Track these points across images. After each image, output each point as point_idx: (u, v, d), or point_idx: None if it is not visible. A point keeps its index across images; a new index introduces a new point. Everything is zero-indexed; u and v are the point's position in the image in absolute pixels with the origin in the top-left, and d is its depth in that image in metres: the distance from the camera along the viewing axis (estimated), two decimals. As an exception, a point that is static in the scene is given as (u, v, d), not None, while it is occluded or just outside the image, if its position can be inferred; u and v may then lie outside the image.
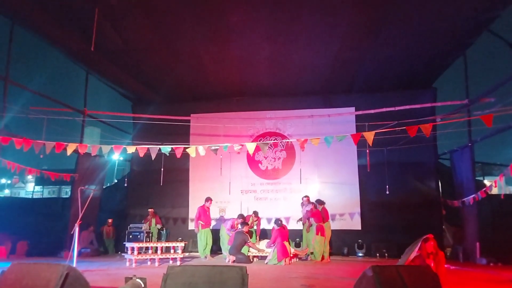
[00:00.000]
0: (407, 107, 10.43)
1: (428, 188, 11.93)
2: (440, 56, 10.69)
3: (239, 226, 10.29)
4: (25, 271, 3.91)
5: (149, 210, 11.99)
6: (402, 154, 11.43)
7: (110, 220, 12.41)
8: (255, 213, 11.37)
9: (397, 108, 10.52)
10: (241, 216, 10.55)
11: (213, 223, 11.98)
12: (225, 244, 10.63)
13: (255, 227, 11.23)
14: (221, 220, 12.18)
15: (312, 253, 10.25)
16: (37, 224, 11.96)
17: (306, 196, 10.86)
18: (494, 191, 10.41)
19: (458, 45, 10.17)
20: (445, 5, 8.29)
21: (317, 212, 10.26)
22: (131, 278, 4.16)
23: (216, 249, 11.67)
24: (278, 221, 10.19)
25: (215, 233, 11.25)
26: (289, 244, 9.87)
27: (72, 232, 7.39)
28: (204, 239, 10.48)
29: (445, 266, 6.52)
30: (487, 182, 12.79)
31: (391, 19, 8.70)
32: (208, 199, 10.87)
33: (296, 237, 11.56)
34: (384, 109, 10.61)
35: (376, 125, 9.28)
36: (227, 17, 8.70)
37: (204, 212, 10.61)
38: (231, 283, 3.67)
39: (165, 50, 10.25)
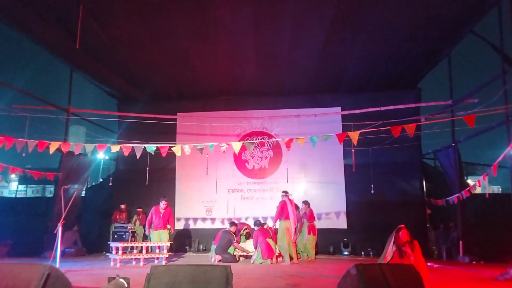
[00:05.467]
0: (392, 107, 10.54)
1: (412, 187, 12.08)
2: (425, 57, 10.84)
3: (228, 226, 10.27)
4: (6, 271, 3.84)
5: (138, 209, 11.89)
6: (387, 154, 11.55)
7: (123, 206, 11.85)
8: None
9: (382, 108, 10.62)
10: (233, 223, 10.45)
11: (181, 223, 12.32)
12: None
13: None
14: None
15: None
16: (20, 223, 11.77)
17: (285, 192, 9.98)
18: (478, 190, 10.60)
19: (443, 47, 10.33)
20: (429, 6, 8.40)
21: (310, 211, 10.33)
22: (114, 278, 4.12)
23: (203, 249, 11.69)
24: (256, 222, 10.24)
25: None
26: (274, 241, 9.81)
27: (55, 232, 7.28)
28: (154, 240, 9.65)
29: (428, 264, 6.62)
30: (470, 181, 13.01)
31: (373, 15, 8.77)
32: (162, 199, 9.77)
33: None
34: (369, 109, 10.70)
35: (362, 125, 9.35)
36: (213, 11, 8.67)
37: (156, 213, 9.64)
38: (215, 282, 3.66)
39: (151, 47, 10.18)
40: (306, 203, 10.48)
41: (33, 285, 3.67)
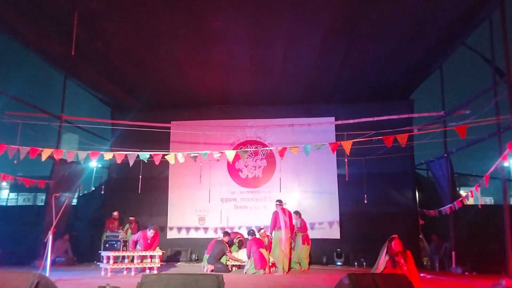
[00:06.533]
0: (385, 117, 10.59)
1: (405, 198, 12.12)
2: (417, 69, 10.94)
3: (221, 236, 10.20)
4: (-6, 280, 3.78)
5: (130, 218, 11.78)
6: (380, 164, 11.57)
7: (116, 213, 11.70)
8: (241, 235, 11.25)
9: (375, 119, 10.66)
10: (226, 233, 10.38)
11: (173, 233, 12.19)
12: None
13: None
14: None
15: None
16: (10, 232, 11.60)
17: (279, 201, 9.83)
18: (470, 201, 10.63)
19: (435, 58, 10.45)
20: (421, 18, 8.51)
21: (302, 222, 10.31)
22: (104, 287, 4.08)
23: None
24: (250, 231, 10.15)
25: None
26: (267, 251, 9.73)
27: (45, 240, 7.20)
28: None
29: (421, 274, 6.62)
30: (462, 192, 13.06)
31: (367, 26, 8.87)
32: (151, 227, 9.45)
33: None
34: (362, 119, 10.78)
35: (355, 134, 9.39)
36: (208, 21, 8.71)
37: (144, 239, 9.39)
38: (206, 291, 3.63)
39: (146, 55, 10.19)
40: (297, 213, 10.42)
41: (21, 294, 3.62)
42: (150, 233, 9.44)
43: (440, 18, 8.51)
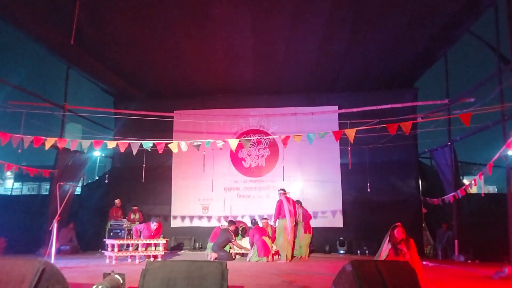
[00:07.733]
0: (389, 106, 10.54)
1: (408, 186, 12.11)
2: (422, 57, 10.85)
3: (226, 224, 10.24)
4: (0, 267, 3.81)
5: (133, 207, 11.84)
6: (384, 153, 11.57)
7: (118, 201, 11.78)
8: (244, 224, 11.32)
9: (379, 107, 10.61)
10: (231, 222, 10.43)
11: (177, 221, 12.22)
12: None
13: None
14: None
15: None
16: (16, 221, 11.70)
17: (283, 190, 9.94)
18: (474, 190, 10.61)
19: (440, 46, 10.34)
20: (425, 5, 8.42)
21: (305, 210, 10.34)
22: (109, 273, 4.11)
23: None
24: (252, 220, 10.23)
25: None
26: (270, 239, 9.78)
27: (50, 228, 7.25)
28: None
29: (423, 262, 6.64)
30: (466, 181, 13.05)
31: (370, 14, 8.78)
32: (153, 220, 9.63)
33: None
34: (366, 108, 10.72)
35: (358, 123, 9.35)
36: (210, 9, 8.64)
37: (148, 231, 9.58)
38: (210, 278, 3.65)
39: (147, 43, 10.14)
40: (298, 203, 10.41)
41: (27, 281, 3.65)
42: (153, 225, 9.57)
43: (445, 5, 8.41)
